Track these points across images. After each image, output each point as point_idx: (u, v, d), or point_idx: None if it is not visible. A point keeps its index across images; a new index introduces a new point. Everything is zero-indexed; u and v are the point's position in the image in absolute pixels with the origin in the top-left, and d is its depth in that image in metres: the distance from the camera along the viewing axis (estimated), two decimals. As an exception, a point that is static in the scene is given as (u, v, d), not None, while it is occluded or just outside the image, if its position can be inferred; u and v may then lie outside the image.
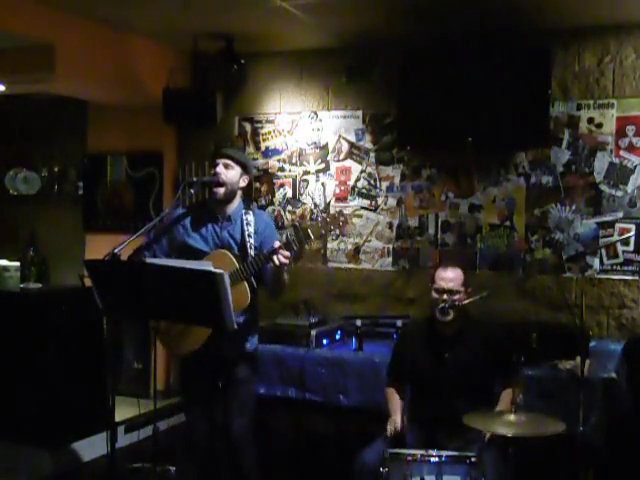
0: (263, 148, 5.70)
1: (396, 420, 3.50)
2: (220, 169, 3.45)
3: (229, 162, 3.47)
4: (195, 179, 4.82)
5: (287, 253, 3.19)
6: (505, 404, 3.45)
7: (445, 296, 3.52)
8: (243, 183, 3.54)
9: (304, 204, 5.57)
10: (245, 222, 3.47)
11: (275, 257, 3.19)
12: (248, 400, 3.58)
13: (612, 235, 4.74)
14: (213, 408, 3.49)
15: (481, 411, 3.22)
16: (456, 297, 3.52)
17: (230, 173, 3.47)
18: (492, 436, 3.28)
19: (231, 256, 3.37)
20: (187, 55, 5.61)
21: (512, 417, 3.02)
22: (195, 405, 3.61)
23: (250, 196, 5.51)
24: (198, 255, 3.45)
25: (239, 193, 3.56)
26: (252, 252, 3.40)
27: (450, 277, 3.54)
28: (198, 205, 4.19)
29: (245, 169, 3.52)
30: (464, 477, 3.04)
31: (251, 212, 3.54)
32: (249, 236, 3.44)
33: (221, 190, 3.46)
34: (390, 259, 5.34)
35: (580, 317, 3.71)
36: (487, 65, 4.72)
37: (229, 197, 3.50)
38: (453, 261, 3.94)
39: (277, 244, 3.21)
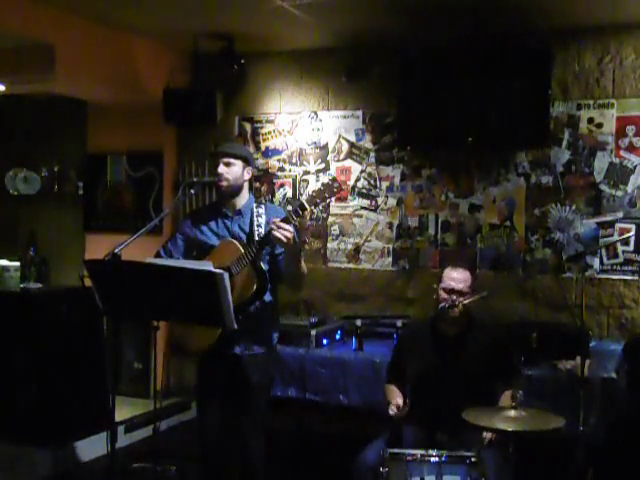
0: (263, 148, 5.69)
1: (397, 402, 3.40)
2: (222, 169, 3.44)
3: (229, 160, 3.45)
4: (195, 179, 4.84)
5: (286, 225, 3.13)
6: (504, 404, 3.43)
7: (454, 296, 3.50)
8: (247, 175, 3.51)
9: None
10: (256, 214, 3.45)
11: (275, 232, 3.14)
12: (261, 406, 3.50)
13: (612, 235, 4.74)
14: (225, 410, 3.49)
15: (480, 407, 3.21)
16: (461, 298, 3.50)
17: (232, 170, 3.45)
18: (492, 438, 3.28)
19: (237, 243, 3.36)
20: (187, 55, 5.60)
21: (512, 413, 3.01)
22: (208, 405, 3.58)
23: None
24: (211, 251, 3.46)
25: (245, 186, 3.53)
26: None
27: (459, 278, 3.53)
28: (210, 204, 4.19)
29: (247, 161, 3.50)
30: (464, 477, 3.03)
31: (263, 205, 3.52)
32: (258, 226, 3.40)
33: (224, 184, 3.45)
34: (390, 259, 5.34)
35: (580, 317, 3.71)
36: (487, 65, 4.72)
37: (235, 191, 3.49)
38: (461, 262, 3.86)
39: (274, 220, 3.17)
